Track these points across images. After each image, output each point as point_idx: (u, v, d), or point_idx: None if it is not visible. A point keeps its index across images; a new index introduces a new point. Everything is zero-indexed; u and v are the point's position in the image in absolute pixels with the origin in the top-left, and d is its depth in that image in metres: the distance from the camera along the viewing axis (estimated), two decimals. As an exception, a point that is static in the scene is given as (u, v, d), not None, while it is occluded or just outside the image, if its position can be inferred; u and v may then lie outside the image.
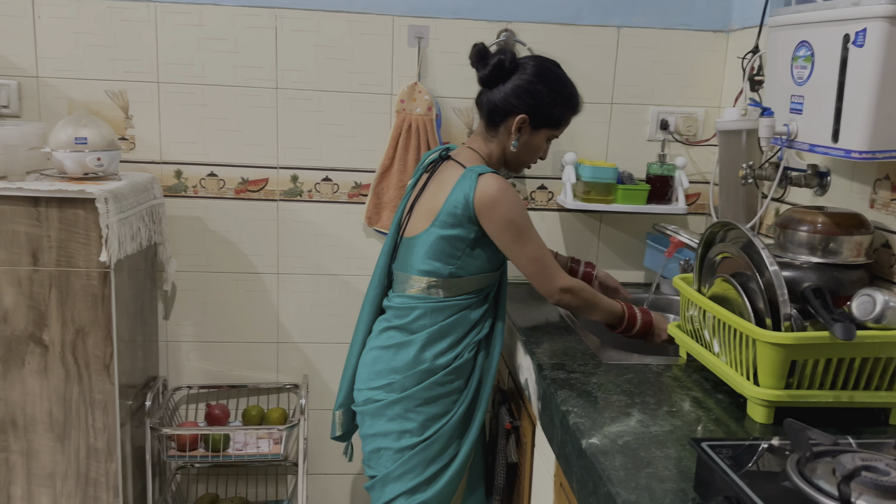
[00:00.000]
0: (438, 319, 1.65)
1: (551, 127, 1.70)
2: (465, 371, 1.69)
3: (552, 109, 1.67)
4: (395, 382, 1.64)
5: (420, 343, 1.64)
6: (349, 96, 2.13)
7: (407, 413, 1.64)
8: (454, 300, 1.65)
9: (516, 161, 1.74)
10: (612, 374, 1.52)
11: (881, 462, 0.89)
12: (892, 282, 1.43)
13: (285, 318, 2.25)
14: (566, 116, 1.71)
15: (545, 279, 1.65)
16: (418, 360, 1.64)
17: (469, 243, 1.62)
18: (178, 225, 2.16)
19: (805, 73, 1.34)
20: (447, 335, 1.65)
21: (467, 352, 1.67)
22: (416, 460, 1.63)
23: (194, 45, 2.07)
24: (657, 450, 1.18)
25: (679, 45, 2.16)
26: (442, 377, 1.64)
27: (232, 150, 2.13)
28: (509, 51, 1.67)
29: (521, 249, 1.62)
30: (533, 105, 1.64)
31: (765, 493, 0.87)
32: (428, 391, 1.64)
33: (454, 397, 1.67)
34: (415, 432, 1.63)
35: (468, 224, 1.61)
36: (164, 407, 2.13)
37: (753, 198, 1.88)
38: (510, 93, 1.64)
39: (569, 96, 1.69)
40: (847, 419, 1.30)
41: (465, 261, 1.64)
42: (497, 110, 1.67)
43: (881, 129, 1.22)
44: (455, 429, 1.67)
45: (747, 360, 1.28)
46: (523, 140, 1.68)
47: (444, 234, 1.61)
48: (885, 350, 1.23)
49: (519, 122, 1.65)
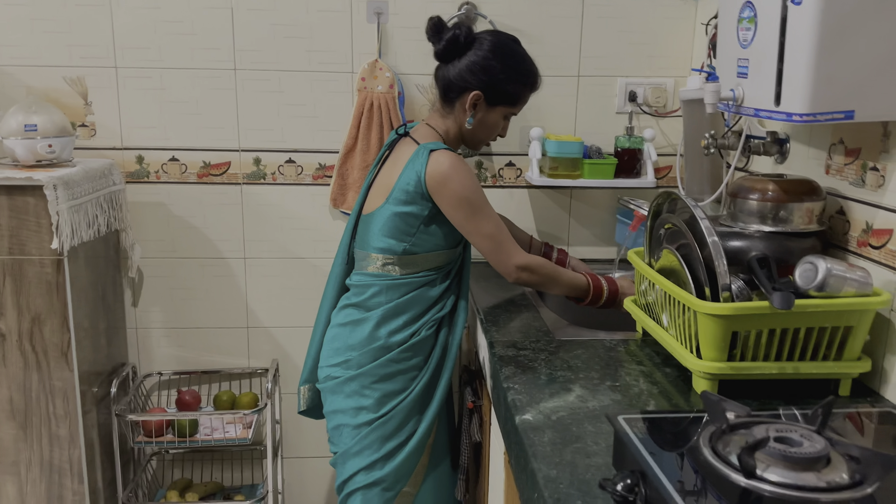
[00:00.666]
0: (394, 297, 1.63)
1: (508, 104, 1.66)
2: (424, 348, 1.67)
3: (508, 86, 1.63)
4: (352, 359, 1.64)
5: (375, 320, 1.63)
6: (309, 76, 2.09)
7: (363, 390, 1.63)
8: (410, 277, 1.63)
9: (473, 138, 1.71)
10: (562, 350, 1.48)
11: (796, 433, 0.86)
12: (846, 249, 1.38)
13: (254, 303, 2.23)
14: (523, 94, 1.66)
15: (502, 257, 1.61)
16: (373, 338, 1.63)
17: (423, 220, 1.60)
18: (142, 211, 2.14)
19: (749, 35, 1.29)
20: (403, 312, 1.64)
21: (425, 329, 1.65)
22: (373, 437, 1.63)
23: (151, 28, 2.04)
24: (590, 425, 1.15)
25: (646, 13, 2.10)
26: (397, 354, 1.63)
27: (193, 133, 2.11)
28: (466, 25, 1.63)
29: (476, 226, 1.59)
30: (487, 82, 1.61)
31: (672, 466, 0.84)
32: (383, 368, 1.63)
33: (412, 374, 1.66)
34: (371, 409, 1.63)
35: (421, 201, 1.58)
36: (133, 394, 2.13)
37: (718, 168, 1.84)
38: (465, 69, 1.61)
39: (525, 73, 1.65)
40: (797, 391, 1.26)
41: (421, 238, 1.61)
42: (452, 86, 1.64)
43: (822, 91, 1.17)
44: (413, 406, 1.66)
45: (690, 332, 1.25)
46: (479, 117, 1.65)
47: (397, 210, 1.59)
48: (827, 319, 1.19)
49: (473, 98, 1.62)
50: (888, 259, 1.27)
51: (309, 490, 2.38)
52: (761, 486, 0.80)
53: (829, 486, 0.80)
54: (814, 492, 0.80)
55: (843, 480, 0.81)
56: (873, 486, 0.80)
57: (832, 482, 0.80)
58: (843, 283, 1.18)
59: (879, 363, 1.28)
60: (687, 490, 0.80)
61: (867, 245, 1.32)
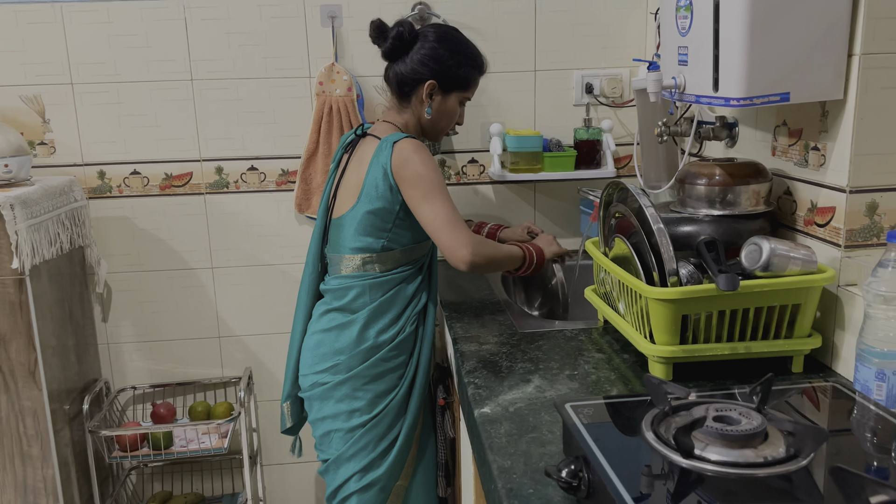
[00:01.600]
0: (377, 296, 1.65)
1: (461, 89, 1.69)
2: (408, 345, 1.69)
3: (458, 71, 1.66)
4: (341, 363, 1.64)
5: (362, 321, 1.64)
6: (267, 82, 2.10)
7: (355, 392, 1.64)
8: (391, 274, 1.65)
9: (433, 128, 1.73)
10: (524, 343, 1.50)
11: (735, 412, 0.88)
12: (794, 228, 1.41)
13: (224, 312, 2.23)
14: (473, 76, 1.71)
15: (454, 242, 1.53)
16: (362, 339, 1.64)
17: (396, 214, 1.61)
18: (106, 226, 2.14)
19: (687, 23, 1.32)
20: (388, 310, 1.65)
21: (409, 326, 1.68)
22: (368, 438, 1.64)
23: (104, 42, 2.04)
24: (547, 415, 1.17)
25: (598, 5, 2.12)
26: (386, 353, 1.64)
27: (153, 146, 2.11)
28: (407, 21, 1.66)
29: (430, 207, 1.54)
30: (439, 70, 1.65)
31: (616, 450, 0.86)
32: (374, 368, 1.64)
33: (400, 372, 1.67)
34: (364, 410, 1.64)
35: (391, 194, 1.60)
36: (107, 409, 2.12)
37: (673, 154, 1.86)
38: (415, 61, 1.65)
39: (472, 56, 1.69)
40: (752, 370, 1.29)
41: (396, 232, 1.63)
42: (406, 81, 1.66)
43: (756, 75, 1.20)
44: (402, 402, 1.68)
45: (644, 318, 1.27)
46: (436, 106, 1.68)
47: (370, 208, 1.61)
48: (775, 298, 1.21)
49: (429, 88, 1.65)
50: (833, 236, 1.29)
51: (291, 497, 2.38)
52: (701, 465, 0.82)
53: (765, 461, 0.82)
54: (751, 467, 0.82)
55: (780, 455, 0.83)
56: (807, 459, 0.82)
57: (769, 457, 0.82)
58: (787, 262, 1.20)
59: (830, 339, 1.31)
60: (628, 473, 0.82)
61: (813, 223, 1.35)
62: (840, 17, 1.20)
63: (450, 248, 1.54)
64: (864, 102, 1.22)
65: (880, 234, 1.27)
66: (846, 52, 1.22)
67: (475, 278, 2.00)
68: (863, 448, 0.95)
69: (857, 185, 1.25)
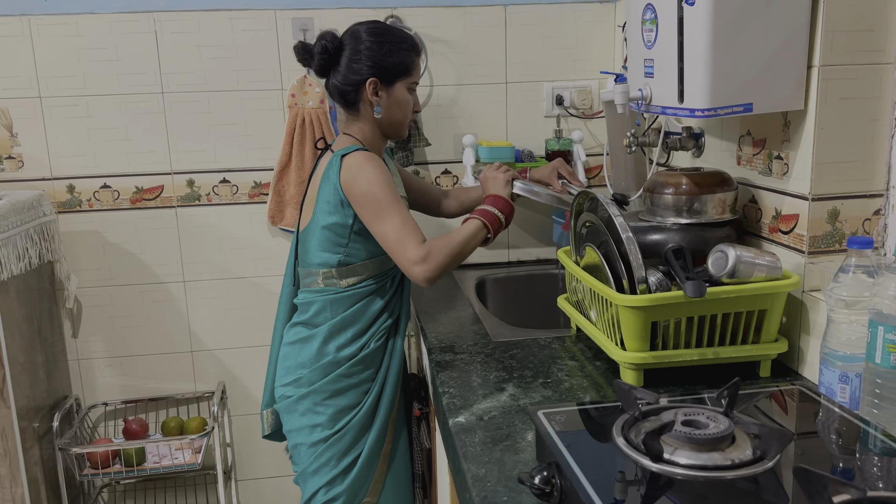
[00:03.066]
0: (339, 311, 1.63)
1: (402, 76, 1.62)
2: (374, 360, 1.66)
3: (394, 58, 1.60)
4: (303, 377, 1.63)
5: (322, 336, 1.62)
6: (239, 95, 2.10)
7: (316, 407, 1.63)
8: (353, 290, 1.63)
9: (391, 124, 1.65)
10: (498, 351, 1.51)
11: (703, 416, 0.90)
12: (759, 236, 1.44)
13: (197, 326, 2.22)
14: (410, 59, 1.62)
15: (399, 257, 1.49)
16: (322, 354, 1.63)
17: (351, 228, 1.58)
18: (76, 240, 2.12)
19: (652, 36, 1.34)
20: (349, 326, 1.63)
21: (374, 341, 1.65)
22: (330, 453, 1.63)
23: (73, 56, 2.03)
24: (520, 422, 1.18)
25: (567, 18, 2.16)
26: (347, 369, 1.62)
27: (123, 159, 2.09)
28: (328, 33, 1.60)
29: (381, 225, 1.51)
30: (374, 65, 1.58)
31: (586, 456, 0.87)
32: (334, 384, 1.62)
33: (364, 387, 1.65)
34: (326, 425, 1.62)
35: (342, 209, 1.56)
36: (78, 426, 2.09)
37: (642, 165, 1.89)
38: (347, 68, 1.59)
39: (401, 40, 1.62)
40: (721, 375, 1.31)
41: (353, 247, 1.60)
42: (347, 90, 1.61)
43: (720, 86, 1.23)
44: (366, 418, 1.66)
45: (615, 325, 1.29)
46: (385, 102, 1.62)
47: (325, 223, 1.59)
48: (741, 304, 1.24)
49: (371, 86, 1.59)
50: (797, 243, 1.33)
51: (266, 510, 2.37)
52: (670, 469, 0.84)
53: (733, 463, 0.84)
54: (719, 470, 0.83)
55: (747, 457, 0.85)
56: (773, 460, 0.84)
57: (736, 459, 0.84)
58: (752, 268, 1.23)
59: (796, 343, 1.34)
60: (600, 478, 0.83)
61: (778, 231, 1.38)
62: (799, 30, 1.24)
63: (404, 267, 1.50)
64: (824, 112, 1.26)
65: (842, 240, 1.30)
66: (806, 63, 1.26)
67: (449, 289, 2.01)
68: (828, 449, 0.98)
69: (818, 193, 1.28)
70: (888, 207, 1.28)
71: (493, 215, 1.56)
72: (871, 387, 1.06)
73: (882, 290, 1.03)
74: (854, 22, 1.23)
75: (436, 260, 1.47)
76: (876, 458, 0.94)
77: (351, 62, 1.58)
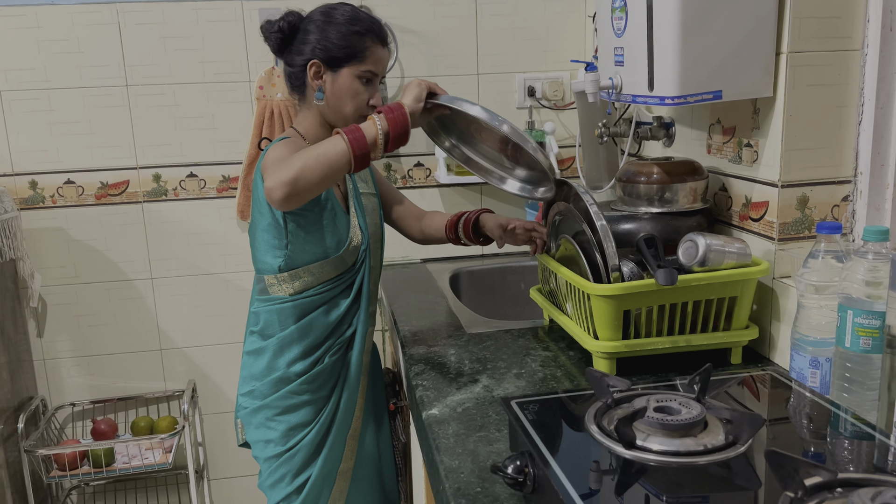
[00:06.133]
0: (289, 323, 1.49)
1: (352, 61, 1.43)
2: (329, 377, 1.53)
3: (337, 41, 1.42)
4: (256, 390, 1.54)
5: (272, 350, 1.50)
6: (205, 87, 2.06)
7: (268, 422, 1.53)
8: (302, 298, 1.48)
9: (338, 116, 1.46)
10: (472, 343, 1.50)
11: (675, 402, 0.89)
12: (730, 224, 1.44)
13: (166, 324, 2.18)
14: (361, 43, 1.43)
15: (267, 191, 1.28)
16: (272, 368, 1.51)
17: (285, 227, 1.44)
18: (40, 237, 2.07)
19: (622, 24, 1.34)
20: (300, 340, 1.49)
21: (328, 356, 1.51)
22: (283, 470, 1.54)
23: (34, 48, 1.97)
24: (494, 413, 1.17)
25: (538, 8, 2.15)
26: (297, 386, 1.50)
27: (87, 154, 2.04)
28: (294, 12, 1.47)
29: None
30: (318, 46, 1.42)
31: (559, 444, 0.87)
32: (285, 400, 1.51)
33: (317, 406, 1.53)
34: (278, 442, 1.53)
35: (270, 205, 1.42)
36: (45, 427, 2.04)
37: (614, 155, 1.89)
38: (295, 50, 1.45)
39: (352, 21, 1.43)
40: (694, 362, 1.31)
41: (293, 248, 1.45)
42: (293, 73, 1.47)
43: (689, 73, 1.23)
44: (317, 439, 1.54)
45: (587, 314, 1.28)
46: (328, 88, 1.44)
47: (262, 224, 1.46)
48: (711, 291, 1.24)
49: (312, 69, 1.43)
50: (767, 230, 1.33)
51: (239, 509, 2.33)
52: (643, 455, 0.83)
53: (706, 448, 0.84)
54: (692, 456, 0.83)
55: (719, 442, 0.85)
56: (745, 445, 0.84)
57: (708, 445, 0.84)
58: (723, 256, 1.23)
59: (767, 329, 1.34)
60: (573, 466, 0.83)
61: (748, 218, 1.38)
62: (767, 17, 1.24)
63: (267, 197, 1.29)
64: (793, 99, 1.26)
65: (811, 226, 1.31)
66: (774, 50, 1.26)
67: (424, 282, 1.99)
68: (799, 434, 0.98)
69: (788, 180, 1.29)
70: (856, 193, 1.29)
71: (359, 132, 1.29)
72: (841, 371, 1.07)
73: (851, 275, 1.04)
74: (821, 9, 1.23)
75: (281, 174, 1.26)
76: (846, 441, 0.94)
77: (300, 42, 1.44)
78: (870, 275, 1.02)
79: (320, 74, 1.44)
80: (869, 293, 1.02)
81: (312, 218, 1.45)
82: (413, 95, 1.34)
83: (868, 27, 1.24)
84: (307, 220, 1.44)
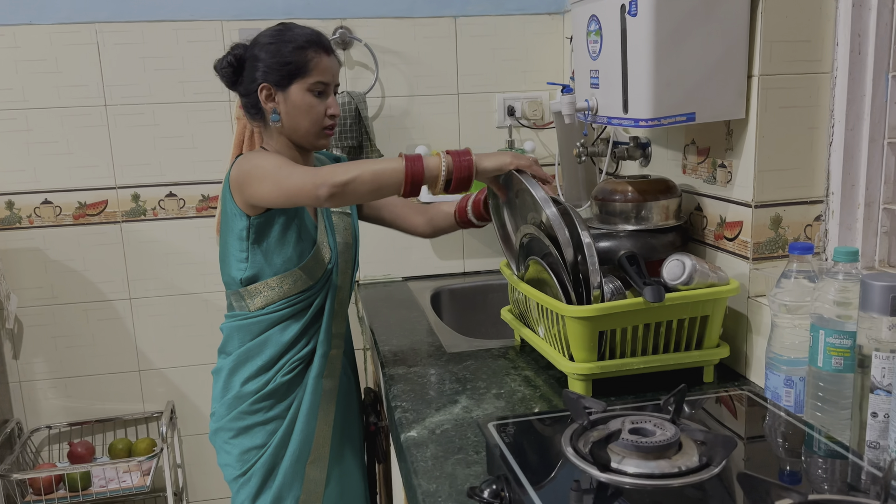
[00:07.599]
0: (246, 339, 1.49)
1: (297, 76, 1.42)
2: (283, 396, 1.51)
3: (280, 60, 1.42)
4: (216, 411, 1.53)
5: (228, 368, 1.50)
6: (185, 107, 2.06)
7: (224, 445, 1.51)
8: (262, 315, 1.48)
9: (298, 133, 1.46)
10: (452, 363, 1.50)
11: (650, 423, 0.90)
12: (705, 242, 1.46)
13: (144, 345, 2.16)
14: (302, 57, 1.42)
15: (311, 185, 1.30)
16: (227, 387, 1.50)
17: (248, 238, 1.43)
18: (16, 258, 2.05)
19: (597, 47, 1.36)
20: (255, 356, 1.49)
21: (281, 375, 1.49)
22: (243, 495, 1.51)
23: (11, 68, 1.96)
24: (473, 435, 1.16)
25: (517, 30, 2.17)
26: (250, 406, 1.48)
27: (65, 174, 2.03)
28: (239, 45, 1.48)
29: (278, 181, 1.34)
30: (262, 68, 1.42)
31: (535, 467, 0.87)
32: (237, 421, 1.49)
33: (271, 427, 1.50)
34: (234, 466, 1.51)
35: (236, 215, 1.43)
36: (20, 451, 2.01)
37: (592, 174, 1.91)
38: (247, 79, 1.46)
39: (290, 38, 1.43)
40: (670, 382, 1.31)
41: (254, 260, 1.45)
42: (248, 102, 1.47)
43: (662, 96, 1.24)
44: (270, 463, 1.51)
45: (561, 336, 1.29)
46: (282, 108, 1.44)
47: (227, 236, 1.46)
48: (686, 310, 1.25)
49: (263, 93, 1.43)
50: (741, 249, 1.35)
51: (219, 532, 2.31)
52: (618, 478, 0.84)
53: (680, 471, 0.84)
54: (666, 478, 0.83)
55: (694, 464, 0.85)
56: (719, 466, 0.85)
57: (683, 467, 0.85)
58: (706, 276, 1.24)
59: (742, 349, 1.35)
60: (548, 489, 0.83)
61: (723, 238, 1.40)
62: (739, 40, 1.26)
63: (310, 194, 1.30)
64: (765, 121, 1.28)
65: (785, 246, 1.32)
66: (746, 73, 1.28)
67: (405, 300, 1.99)
68: (774, 453, 0.99)
69: (761, 200, 1.31)
70: (828, 213, 1.31)
71: (419, 162, 1.29)
72: (814, 390, 1.08)
73: (822, 295, 1.05)
74: (791, 32, 1.26)
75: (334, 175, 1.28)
76: (820, 460, 0.96)
77: (249, 71, 1.45)
78: (840, 295, 1.03)
79: (272, 96, 1.44)
80: (839, 313, 1.03)
81: (279, 228, 1.45)
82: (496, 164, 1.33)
83: (837, 51, 1.26)
84: (273, 229, 1.44)
